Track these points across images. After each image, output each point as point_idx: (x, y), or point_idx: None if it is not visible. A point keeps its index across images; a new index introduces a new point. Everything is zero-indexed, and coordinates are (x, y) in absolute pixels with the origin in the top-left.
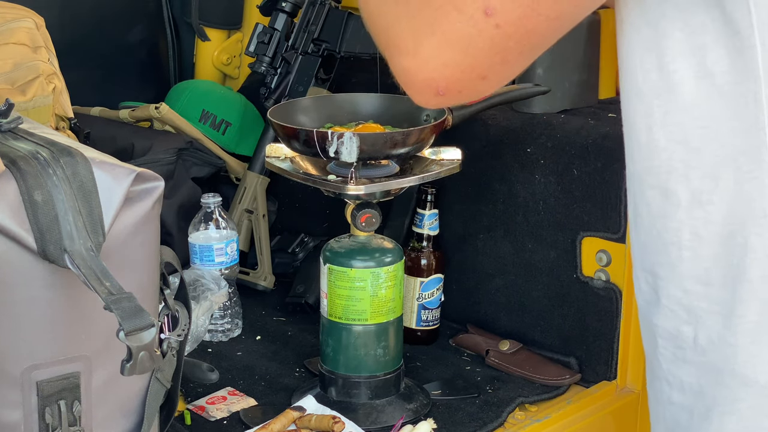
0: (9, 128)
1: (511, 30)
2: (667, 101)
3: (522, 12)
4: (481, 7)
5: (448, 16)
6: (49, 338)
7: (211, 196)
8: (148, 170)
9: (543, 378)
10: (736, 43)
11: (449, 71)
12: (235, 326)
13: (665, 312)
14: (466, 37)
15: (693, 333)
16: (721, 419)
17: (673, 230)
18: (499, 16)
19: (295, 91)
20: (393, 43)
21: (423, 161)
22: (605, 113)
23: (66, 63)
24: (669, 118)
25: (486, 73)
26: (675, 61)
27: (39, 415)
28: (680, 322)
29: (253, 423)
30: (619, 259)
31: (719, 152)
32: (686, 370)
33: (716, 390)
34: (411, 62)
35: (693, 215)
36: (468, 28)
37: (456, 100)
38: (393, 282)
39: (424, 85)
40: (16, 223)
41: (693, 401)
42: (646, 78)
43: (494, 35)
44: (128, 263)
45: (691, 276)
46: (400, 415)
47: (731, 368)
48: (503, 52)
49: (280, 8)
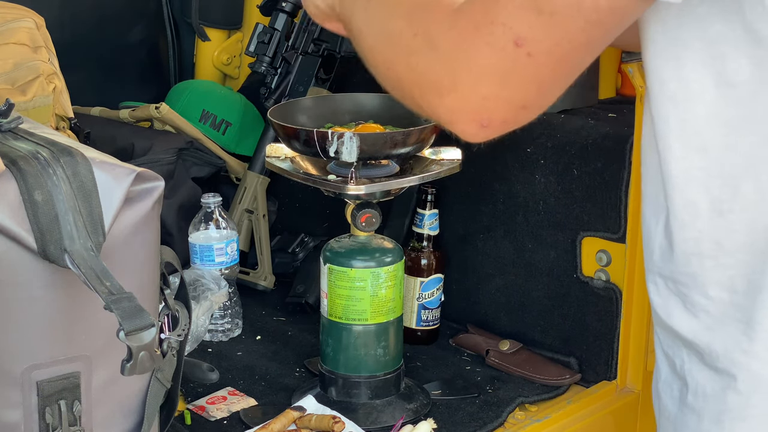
0: (9, 128)
1: (543, 59)
2: (685, 110)
3: (552, 41)
4: (511, 38)
5: (480, 51)
6: (49, 338)
7: (211, 196)
8: (148, 170)
9: (543, 378)
10: (758, 52)
11: (490, 103)
12: (235, 326)
13: (685, 317)
14: (501, 69)
15: (712, 338)
16: (732, 424)
17: (693, 240)
18: (530, 46)
19: (295, 91)
20: (430, 88)
21: (423, 161)
22: (605, 113)
23: (66, 63)
24: (687, 127)
25: (525, 102)
26: (694, 70)
27: (39, 415)
28: (700, 328)
29: (253, 423)
30: (619, 259)
31: (738, 161)
32: (702, 374)
33: (729, 395)
34: (452, 100)
35: (714, 224)
36: (501, 60)
37: (501, 130)
38: (393, 282)
39: (468, 120)
40: (16, 223)
41: (704, 405)
42: (664, 87)
43: (527, 65)
44: (128, 263)
45: (716, 283)
46: (400, 415)
47: (745, 374)
48: (539, 81)
49: (280, 8)
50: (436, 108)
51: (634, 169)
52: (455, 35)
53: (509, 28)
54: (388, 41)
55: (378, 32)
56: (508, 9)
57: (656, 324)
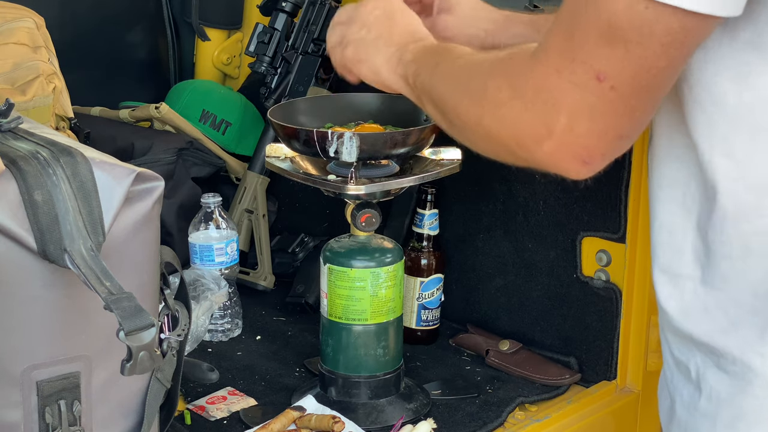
0: (9, 128)
1: (627, 89)
2: (713, 113)
3: (632, 70)
4: (592, 75)
5: (565, 92)
6: (49, 338)
7: (211, 196)
8: (148, 170)
9: (543, 378)
10: None
11: (586, 140)
12: (235, 326)
13: (705, 319)
14: (590, 106)
15: (728, 341)
16: (748, 429)
17: (720, 243)
18: (612, 79)
19: (295, 91)
20: (525, 137)
21: (423, 161)
22: None
23: (66, 63)
24: (714, 131)
25: (620, 132)
26: (718, 74)
27: (39, 414)
28: (717, 330)
29: (253, 423)
30: (619, 259)
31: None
32: (716, 378)
33: (745, 400)
34: (549, 146)
35: (740, 229)
36: (587, 97)
37: (604, 163)
38: (393, 282)
39: (570, 161)
40: (16, 223)
41: (718, 409)
42: (692, 92)
43: (613, 98)
44: (128, 263)
45: (742, 286)
46: (400, 415)
47: (762, 378)
48: (629, 110)
49: (280, 8)
50: (534, 155)
51: (635, 169)
52: (538, 81)
53: (589, 65)
54: (474, 99)
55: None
56: (584, 47)
57: (667, 329)
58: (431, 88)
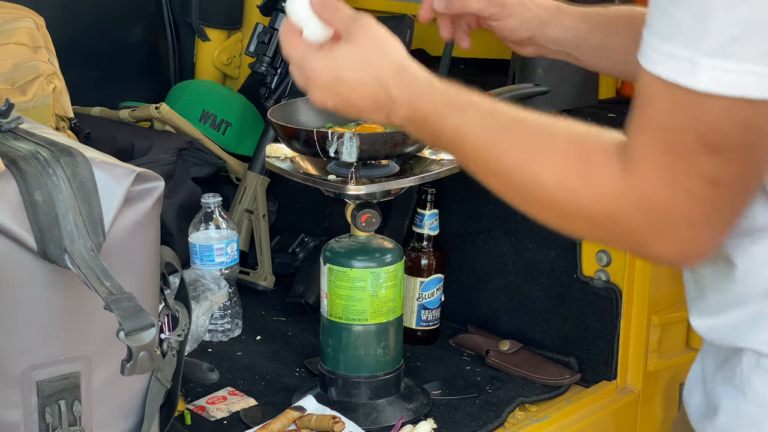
0: (9, 128)
1: (740, 188)
2: None
3: (744, 168)
4: (708, 183)
5: (680, 203)
6: (49, 338)
7: (211, 196)
8: (148, 170)
9: (543, 378)
10: None
11: (701, 240)
12: (235, 326)
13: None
14: (705, 212)
15: None
16: None
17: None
18: (727, 181)
19: (295, 91)
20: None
21: (423, 161)
22: (605, 113)
23: (66, 63)
24: None
25: (732, 224)
26: None
27: (39, 414)
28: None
29: (253, 423)
30: (619, 259)
31: None
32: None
33: None
34: (660, 250)
35: None
36: (703, 204)
37: (716, 251)
38: (393, 282)
39: (683, 260)
40: (16, 223)
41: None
42: None
43: (731, 197)
44: (128, 263)
45: None
46: (400, 415)
47: None
48: (745, 200)
49: (280, 8)
50: (641, 253)
51: None
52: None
53: (702, 175)
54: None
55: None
56: (694, 161)
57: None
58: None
